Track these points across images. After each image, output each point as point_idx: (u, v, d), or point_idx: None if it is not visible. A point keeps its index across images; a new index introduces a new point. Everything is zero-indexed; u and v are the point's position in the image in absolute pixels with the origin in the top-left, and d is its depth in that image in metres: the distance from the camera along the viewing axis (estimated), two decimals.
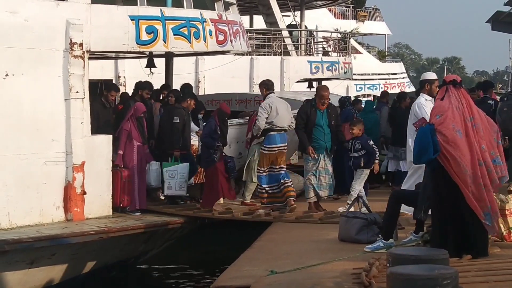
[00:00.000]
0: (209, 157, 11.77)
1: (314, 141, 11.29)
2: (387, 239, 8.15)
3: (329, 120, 11.36)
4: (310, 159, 11.33)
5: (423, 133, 7.18)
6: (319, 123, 11.29)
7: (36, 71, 10.67)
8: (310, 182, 11.39)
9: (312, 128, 11.29)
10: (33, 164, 10.52)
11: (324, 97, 11.35)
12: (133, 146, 11.81)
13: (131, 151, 11.78)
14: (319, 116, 11.31)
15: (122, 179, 11.53)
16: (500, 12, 27.17)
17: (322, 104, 11.33)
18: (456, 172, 7.00)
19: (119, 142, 11.80)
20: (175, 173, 11.99)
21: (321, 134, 11.30)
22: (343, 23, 47.48)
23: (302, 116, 11.42)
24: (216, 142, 11.78)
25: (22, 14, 10.54)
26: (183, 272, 13.30)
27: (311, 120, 11.29)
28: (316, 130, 11.30)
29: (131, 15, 11.53)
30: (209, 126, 11.94)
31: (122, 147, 11.76)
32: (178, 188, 12.03)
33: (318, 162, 11.33)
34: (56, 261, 10.39)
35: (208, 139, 11.76)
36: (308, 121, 11.31)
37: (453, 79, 7.40)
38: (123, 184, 11.55)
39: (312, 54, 25.85)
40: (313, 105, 11.42)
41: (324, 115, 11.35)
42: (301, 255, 8.15)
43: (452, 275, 4.78)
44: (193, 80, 21.65)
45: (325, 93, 11.41)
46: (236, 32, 13.68)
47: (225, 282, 7.06)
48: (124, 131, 11.82)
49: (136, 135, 11.84)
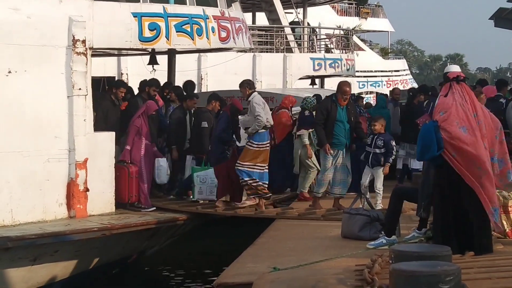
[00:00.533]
0: (222, 153, 11.79)
1: (334, 137, 11.08)
2: (389, 235, 8.15)
3: (348, 116, 11.15)
4: (328, 156, 11.10)
5: (426, 130, 7.16)
6: (340, 119, 11.07)
7: (39, 68, 10.68)
8: (326, 178, 11.22)
9: (332, 124, 11.07)
10: (36, 161, 10.53)
11: (347, 92, 11.11)
12: (141, 143, 11.82)
13: (138, 148, 11.80)
14: (339, 112, 11.09)
15: (129, 175, 11.52)
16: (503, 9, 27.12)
17: (344, 100, 11.09)
18: (466, 167, 6.96)
19: (127, 138, 11.81)
20: (206, 178, 12.07)
21: (342, 130, 11.10)
22: (345, 20, 47.43)
23: (323, 111, 11.17)
24: (232, 138, 11.87)
25: (25, 11, 10.54)
26: (186, 269, 13.31)
27: (332, 116, 11.05)
28: (336, 126, 11.08)
29: (134, 12, 11.54)
30: (223, 122, 11.89)
31: (130, 143, 11.77)
32: (208, 193, 12.08)
33: (336, 158, 11.15)
34: (59, 258, 10.40)
35: (225, 135, 11.79)
36: (329, 117, 11.06)
37: (456, 75, 7.39)
38: (131, 180, 11.54)
39: (314, 51, 25.84)
40: (333, 100, 11.16)
41: (344, 111, 11.12)
42: (304, 251, 8.15)
43: (454, 272, 4.77)
44: (196, 77, 21.68)
45: (348, 88, 11.17)
46: (238, 29, 13.68)
47: (228, 278, 7.06)
48: (134, 127, 11.82)
49: (146, 132, 11.87)
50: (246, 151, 11.39)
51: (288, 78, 22.75)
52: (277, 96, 17.53)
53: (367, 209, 9.23)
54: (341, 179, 11.27)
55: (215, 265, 12.47)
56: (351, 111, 11.23)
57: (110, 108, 12.32)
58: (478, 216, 7.04)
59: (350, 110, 11.21)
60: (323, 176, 11.34)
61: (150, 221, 11.14)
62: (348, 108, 11.19)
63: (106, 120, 12.13)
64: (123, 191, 11.52)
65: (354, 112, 11.39)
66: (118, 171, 11.51)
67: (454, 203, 7.13)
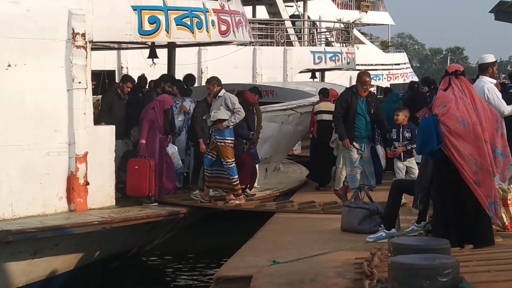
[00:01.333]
0: (239, 147, 11.82)
1: (356, 131, 10.74)
2: (389, 229, 8.17)
3: (368, 108, 10.79)
4: (352, 149, 10.81)
5: (426, 123, 7.16)
6: (360, 111, 10.72)
7: (39, 62, 10.66)
8: (356, 171, 10.85)
9: (353, 117, 10.72)
10: (36, 155, 10.52)
11: (367, 82, 10.74)
12: (156, 137, 11.86)
13: (153, 142, 11.84)
14: (359, 104, 10.74)
15: (150, 168, 11.50)
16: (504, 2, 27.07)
17: (364, 91, 10.73)
18: (460, 162, 6.99)
19: (141, 131, 11.84)
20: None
21: (363, 122, 10.74)
22: (346, 13, 47.35)
23: (342, 104, 10.82)
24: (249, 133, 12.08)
25: (24, 5, 10.52)
26: (186, 262, 13.34)
27: (353, 108, 10.70)
28: (358, 119, 10.72)
29: (134, 5, 11.51)
30: None
31: (144, 137, 11.80)
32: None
33: (362, 152, 10.83)
34: (59, 252, 10.41)
35: (243, 131, 11.93)
36: (349, 110, 10.72)
37: (455, 69, 7.39)
38: (152, 173, 11.54)
39: (315, 45, 25.82)
40: (354, 92, 10.80)
41: (364, 103, 10.76)
42: (303, 245, 8.17)
43: (453, 265, 4.78)
44: (196, 70, 21.69)
45: (368, 78, 10.82)
46: (238, 23, 13.67)
47: (227, 272, 7.07)
48: (148, 121, 11.84)
49: (160, 126, 11.90)
50: (225, 149, 11.36)
51: (288, 71, 22.74)
52: (277, 90, 17.53)
53: (366, 203, 9.24)
54: (370, 172, 10.90)
55: (215, 258, 12.51)
56: (371, 103, 10.86)
57: (115, 101, 12.32)
58: (477, 209, 7.05)
59: (370, 102, 10.83)
60: (352, 170, 10.92)
61: (150, 214, 11.14)
62: (369, 100, 10.82)
63: (111, 113, 12.11)
64: (143, 185, 11.47)
65: (376, 104, 11.01)
66: (139, 164, 11.50)
67: (454, 196, 7.14)
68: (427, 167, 7.69)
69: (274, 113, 14.02)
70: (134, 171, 11.48)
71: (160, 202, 11.78)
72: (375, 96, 11.40)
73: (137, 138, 12.13)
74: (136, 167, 11.48)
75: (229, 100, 11.32)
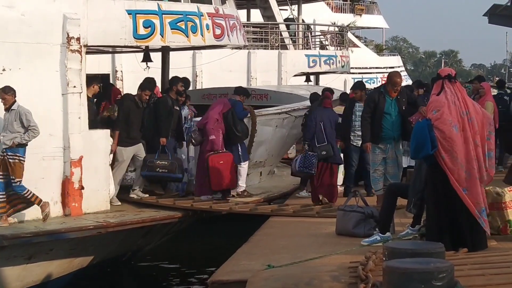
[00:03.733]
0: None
1: (382, 131, 10.61)
2: (384, 232, 8.17)
3: (399, 106, 10.60)
4: (377, 149, 10.73)
5: (420, 128, 7.18)
6: (388, 111, 10.58)
7: (34, 66, 10.67)
8: (377, 174, 10.78)
9: (380, 117, 10.59)
10: (30, 159, 10.50)
11: (397, 83, 10.62)
12: (219, 134, 12.15)
13: (219, 139, 12.14)
14: (388, 104, 10.59)
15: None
16: (497, 5, 27.19)
17: (395, 92, 10.59)
18: (451, 169, 7.01)
19: (206, 130, 12.08)
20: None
21: (389, 123, 10.59)
22: (340, 17, 47.45)
23: (370, 104, 10.74)
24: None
25: (19, 9, 10.54)
26: (180, 266, 13.33)
27: (380, 108, 10.57)
28: (384, 119, 10.60)
29: (128, 9, 11.51)
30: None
31: (213, 133, 12.06)
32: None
33: (387, 152, 10.70)
34: (54, 256, 10.41)
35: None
36: (376, 109, 10.60)
37: (448, 73, 7.41)
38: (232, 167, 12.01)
39: (309, 48, 25.81)
40: (381, 92, 10.71)
41: (394, 103, 10.61)
42: (298, 249, 8.16)
43: (448, 269, 4.80)
44: (191, 74, 21.65)
45: (399, 79, 10.71)
46: (233, 26, 13.68)
47: (222, 276, 7.07)
48: (214, 119, 12.12)
49: (222, 127, 12.20)
50: (19, 166, 10.16)
51: (283, 75, 22.72)
52: (272, 93, 17.52)
53: (361, 206, 9.25)
54: (392, 173, 10.74)
55: (210, 262, 12.50)
56: (402, 100, 10.69)
57: (132, 109, 12.13)
58: (470, 213, 7.06)
59: (400, 99, 10.67)
60: (374, 172, 10.88)
61: (146, 219, 11.14)
62: (398, 99, 10.66)
63: (128, 121, 11.97)
64: (232, 177, 11.93)
65: (405, 97, 10.81)
66: (223, 158, 11.84)
67: (447, 200, 7.16)
68: (421, 171, 7.72)
69: (268, 116, 14.02)
70: (219, 166, 11.75)
71: (154, 206, 11.75)
72: (405, 94, 11.08)
73: (199, 140, 12.28)
74: (221, 162, 11.76)
75: (24, 115, 10.11)
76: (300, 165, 11.74)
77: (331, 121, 12.04)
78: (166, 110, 12.34)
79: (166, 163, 11.94)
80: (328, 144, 11.82)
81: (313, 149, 11.78)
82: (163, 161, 11.94)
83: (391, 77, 10.77)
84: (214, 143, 11.99)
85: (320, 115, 12.04)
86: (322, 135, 11.86)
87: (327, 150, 11.78)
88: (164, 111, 12.31)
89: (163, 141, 12.15)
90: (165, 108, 12.35)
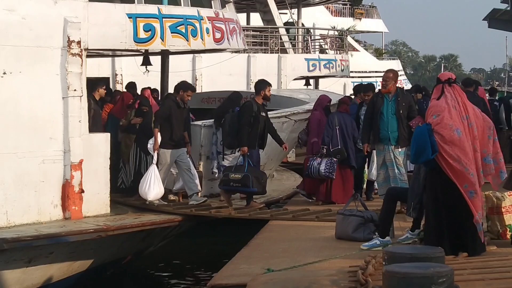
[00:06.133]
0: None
1: (379, 131, 10.57)
2: (383, 237, 8.18)
3: (397, 107, 10.48)
4: (380, 152, 10.69)
5: (420, 132, 7.19)
6: (382, 111, 10.51)
7: (34, 69, 10.67)
8: (380, 177, 10.75)
9: (377, 118, 10.55)
10: (31, 163, 10.52)
11: (385, 77, 10.56)
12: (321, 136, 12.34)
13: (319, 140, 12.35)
14: (385, 104, 10.52)
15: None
16: (497, 10, 27.26)
17: (383, 87, 10.55)
18: (454, 173, 7.01)
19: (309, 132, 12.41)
20: None
21: (383, 123, 10.52)
22: (340, 21, 47.48)
23: (370, 105, 10.80)
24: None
25: (20, 12, 10.54)
26: (180, 270, 13.33)
27: (376, 108, 10.56)
28: (380, 119, 10.54)
29: (129, 13, 11.54)
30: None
31: (316, 135, 12.25)
32: None
33: (384, 154, 10.64)
34: (53, 260, 10.41)
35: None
36: (374, 109, 10.62)
37: (448, 77, 7.43)
38: None
39: (309, 52, 25.86)
40: (380, 92, 10.77)
41: (392, 103, 10.51)
42: (297, 253, 8.17)
43: (447, 273, 4.81)
44: (190, 78, 21.68)
45: (389, 74, 10.64)
46: (233, 30, 13.70)
47: (221, 280, 7.07)
48: (316, 120, 12.35)
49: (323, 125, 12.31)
50: None
51: (282, 78, 22.76)
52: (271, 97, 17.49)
53: (361, 210, 9.26)
54: (392, 176, 10.55)
55: (209, 266, 12.50)
56: (402, 103, 10.52)
57: (173, 109, 11.91)
58: (469, 217, 7.08)
59: (400, 102, 10.51)
60: (377, 178, 10.91)
61: (146, 222, 11.11)
62: (398, 100, 10.53)
63: (170, 121, 11.71)
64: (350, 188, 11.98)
65: (406, 105, 10.59)
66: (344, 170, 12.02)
67: (447, 204, 7.18)
68: (420, 175, 7.74)
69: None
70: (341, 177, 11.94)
71: (154, 211, 11.74)
72: (407, 96, 11.04)
73: (305, 140, 12.45)
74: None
75: None
76: (326, 169, 11.79)
77: (347, 125, 12.13)
78: (250, 116, 11.69)
79: (239, 176, 11.34)
80: (341, 148, 11.92)
81: (328, 153, 11.90)
82: (237, 174, 11.38)
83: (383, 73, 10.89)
84: (315, 145, 12.18)
85: (337, 119, 12.15)
86: (336, 139, 11.97)
87: (341, 153, 11.89)
88: (248, 118, 11.67)
89: (243, 151, 11.56)
90: (249, 114, 11.71)
